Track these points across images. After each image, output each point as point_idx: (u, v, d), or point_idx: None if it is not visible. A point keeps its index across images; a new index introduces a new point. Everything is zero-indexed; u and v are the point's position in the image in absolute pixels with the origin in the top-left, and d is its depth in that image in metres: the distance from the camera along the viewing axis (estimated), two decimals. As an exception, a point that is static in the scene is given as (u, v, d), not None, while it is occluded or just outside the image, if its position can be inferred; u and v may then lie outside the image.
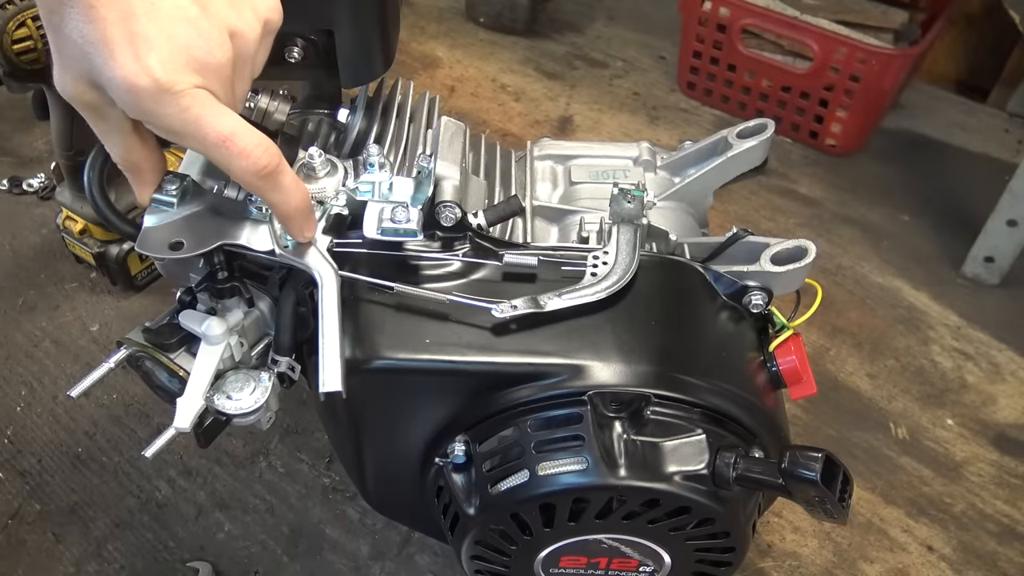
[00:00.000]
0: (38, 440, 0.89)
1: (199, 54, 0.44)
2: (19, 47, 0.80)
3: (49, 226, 1.11)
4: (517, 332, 0.56)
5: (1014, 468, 0.92)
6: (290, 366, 0.58)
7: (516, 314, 0.55)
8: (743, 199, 1.23)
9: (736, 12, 1.28)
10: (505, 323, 0.55)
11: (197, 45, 0.44)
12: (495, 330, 0.56)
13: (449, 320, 0.56)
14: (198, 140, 0.45)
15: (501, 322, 0.55)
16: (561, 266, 0.59)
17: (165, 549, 0.81)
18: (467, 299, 0.56)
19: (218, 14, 0.45)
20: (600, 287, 0.57)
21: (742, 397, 0.57)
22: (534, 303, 0.55)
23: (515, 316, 0.55)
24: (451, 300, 0.56)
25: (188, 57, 0.44)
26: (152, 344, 0.56)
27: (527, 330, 0.56)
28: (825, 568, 0.82)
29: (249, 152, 0.46)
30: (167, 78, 0.43)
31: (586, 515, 0.55)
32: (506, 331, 0.56)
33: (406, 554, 0.81)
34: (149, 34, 0.42)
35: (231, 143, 0.45)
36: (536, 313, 0.55)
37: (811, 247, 0.59)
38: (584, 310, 0.56)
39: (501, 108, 1.37)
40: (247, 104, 0.63)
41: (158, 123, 0.45)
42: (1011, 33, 1.35)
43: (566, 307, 0.55)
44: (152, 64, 0.42)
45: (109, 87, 0.44)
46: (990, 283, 1.12)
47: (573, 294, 0.56)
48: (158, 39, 0.43)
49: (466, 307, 0.56)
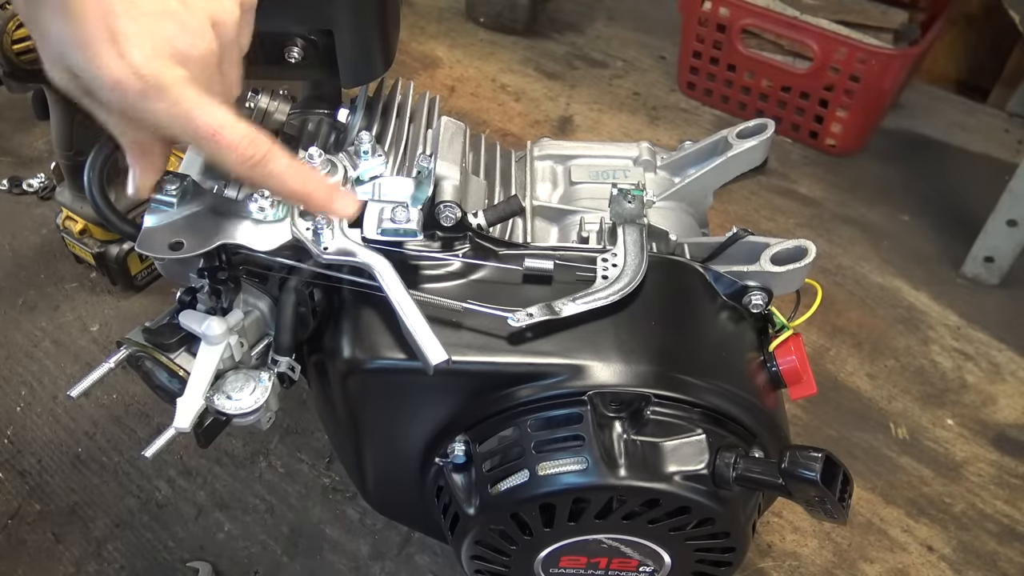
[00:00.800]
0: (38, 440, 0.89)
1: (183, 46, 0.44)
2: (19, 47, 0.80)
3: (49, 226, 1.11)
4: (518, 333, 0.56)
5: (1014, 468, 0.92)
6: (290, 366, 0.58)
7: (532, 322, 0.54)
8: (743, 199, 1.23)
9: (736, 12, 1.28)
10: (520, 330, 0.55)
11: (179, 38, 0.44)
12: (496, 331, 0.56)
13: (449, 320, 0.56)
14: (189, 134, 0.45)
15: (515, 329, 0.55)
16: (575, 269, 0.59)
17: (165, 549, 0.81)
18: (482, 307, 0.55)
19: (197, 5, 0.45)
20: (612, 290, 0.56)
21: (742, 397, 0.57)
22: (549, 310, 0.55)
23: (531, 324, 0.54)
24: (465, 308, 0.56)
25: (172, 50, 0.43)
26: (152, 344, 0.56)
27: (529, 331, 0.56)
28: (825, 568, 0.82)
29: (236, 144, 0.46)
30: (153, 74, 0.43)
31: (586, 515, 0.55)
32: (507, 332, 0.56)
33: (406, 554, 0.81)
34: (130, 32, 0.42)
35: (220, 136, 0.45)
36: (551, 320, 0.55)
37: (811, 247, 0.59)
38: (590, 313, 0.56)
39: (501, 108, 1.37)
40: (247, 104, 0.63)
41: (149, 119, 0.45)
42: (1011, 33, 1.35)
43: (582, 312, 0.55)
44: (136, 61, 0.42)
45: (94, 86, 0.44)
46: (990, 283, 1.12)
47: (587, 298, 0.56)
48: (139, 36, 0.42)
49: (473, 311, 0.56)
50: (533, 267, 0.58)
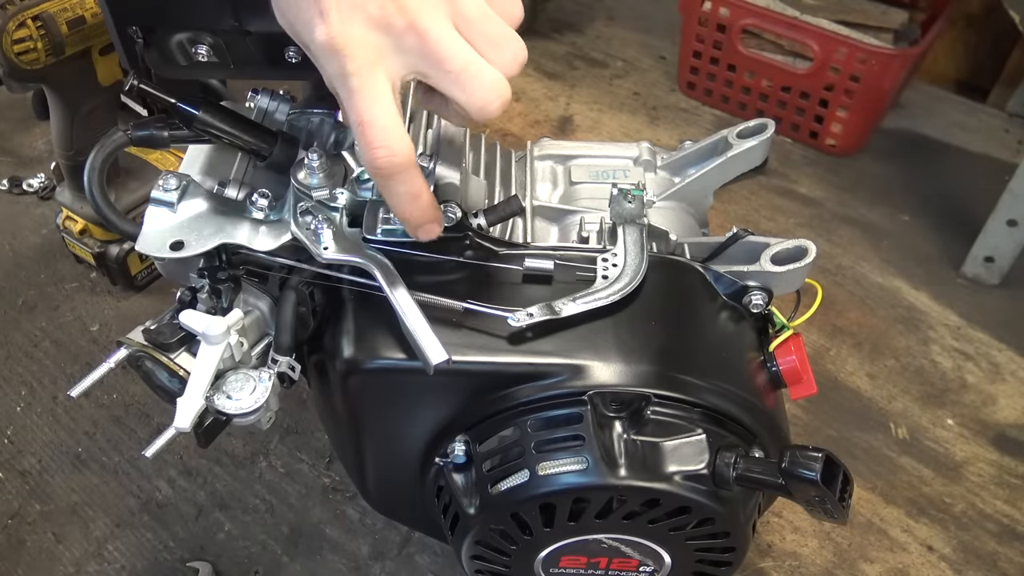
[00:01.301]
0: (38, 440, 0.89)
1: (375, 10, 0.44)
2: (19, 47, 0.80)
3: (49, 226, 1.11)
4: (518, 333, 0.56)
5: (1014, 468, 0.92)
6: (290, 366, 0.58)
7: (532, 322, 0.54)
8: (743, 199, 1.23)
9: (736, 12, 1.28)
10: (520, 330, 0.55)
11: None
12: (495, 331, 0.56)
13: (449, 320, 0.56)
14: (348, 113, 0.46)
15: (516, 329, 0.55)
16: (575, 269, 0.59)
17: (165, 549, 0.81)
18: (483, 307, 0.55)
19: None
20: (612, 290, 0.56)
21: (742, 397, 0.57)
22: (549, 310, 0.55)
23: (532, 324, 0.54)
24: (465, 308, 0.56)
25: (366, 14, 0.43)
26: (152, 344, 0.56)
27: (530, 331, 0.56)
28: (825, 568, 0.82)
29: (374, 147, 0.45)
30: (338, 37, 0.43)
31: (586, 515, 0.55)
32: (507, 332, 0.56)
33: (406, 554, 0.81)
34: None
35: (363, 129, 0.45)
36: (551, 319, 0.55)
37: (811, 247, 0.59)
38: (590, 313, 0.56)
39: (501, 108, 1.37)
40: (247, 104, 0.63)
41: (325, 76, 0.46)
42: (1011, 33, 1.35)
43: (582, 311, 0.55)
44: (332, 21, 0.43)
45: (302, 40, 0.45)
46: (990, 283, 1.12)
47: (588, 298, 0.56)
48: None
49: (467, 308, 0.56)
50: (533, 267, 0.58)
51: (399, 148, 0.46)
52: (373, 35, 0.44)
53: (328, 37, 0.43)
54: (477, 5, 0.46)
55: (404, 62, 0.45)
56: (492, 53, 0.46)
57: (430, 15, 0.44)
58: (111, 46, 0.74)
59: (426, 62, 0.45)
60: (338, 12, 0.43)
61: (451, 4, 0.45)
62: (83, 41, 0.84)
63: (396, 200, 0.49)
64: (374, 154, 0.46)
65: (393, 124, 0.45)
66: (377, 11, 0.43)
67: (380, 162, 0.46)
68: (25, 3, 0.79)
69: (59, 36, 0.82)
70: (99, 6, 0.68)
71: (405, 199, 0.49)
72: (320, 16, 0.43)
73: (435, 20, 0.44)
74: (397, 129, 0.45)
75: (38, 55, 0.81)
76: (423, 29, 0.44)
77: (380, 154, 0.46)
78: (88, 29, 0.84)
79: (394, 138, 0.45)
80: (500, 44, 0.46)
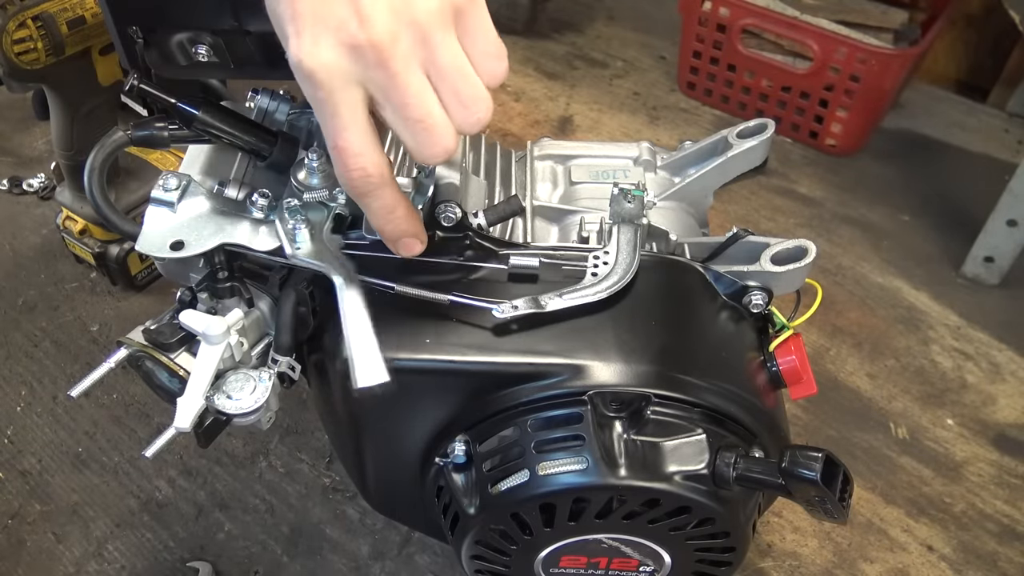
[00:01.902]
0: (38, 440, 0.89)
1: (353, 32, 0.42)
2: (19, 47, 0.80)
3: (49, 226, 1.11)
4: (517, 332, 0.56)
5: (1014, 468, 0.92)
6: (290, 366, 0.58)
7: (517, 314, 0.55)
8: (743, 199, 1.23)
9: (736, 12, 1.28)
10: (506, 323, 0.55)
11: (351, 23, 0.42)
12: (495, 330, 0.56)
13: (449, 320, 0.56)
14: (324, 133, 0.46)
15: (502, 322, 0.55)
16: (562, 267, 0.59)
17: (165, 549, 0.81)
18: (468, 299, 0.56)
19: None
20: (601, 287, 0.57)
21: (742, 397, 0.57)
22: (535, 303, 0.55)
23: (516, 316, 0.55)
24: (452, 301, 0.56)
25: (344, 37, 0.42)
26: (152, 344, 0.56)
27: (527, 330, 0.56)
28: (825, 568, 0.82)
29: (349, 170, 0.46)
30: (310, 63, 0.43)
31: (586, 515, 0.55)
32: (506, 331, 0.56)
33: (406, 554, 0.81)
34: (304, 10, 0.43)
35: (337, 154, 0.46)
36: (537, 313, 0.55)
37: (811, 247, 0.59)
38: (585, 310, 0.56)
39: (501, 108, 1.37)
40: (247, 104, 0.63)
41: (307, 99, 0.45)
42: (1011, 33, 1.35)
43: (567, 307, 0.56)
44: (304, 46, 0.43)
45: None
46: (990, 283, 1.12)
47: (574, 294, 0.56)
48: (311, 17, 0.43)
49: (466, 307, 0.56)
50: (518, 264, 0.59)
51: (373, 169, 0.47)
52: (344, 60, 0.43)
53: (298, 59, 0.43)
54: (454, 58, 0.45)
55: (370, 90, 0.45)
56: (456, 110, 0.45)
57: (402, 59, 0.43)
58: (111, 46, 0.74)
59: (388, 100, 0.44)
60: (311, 33, 0.42)
61: (428, 50, 0.44)
62: (83, 41, 0.84)
63: (371, 214, 0.50)
64: (349, 176, 0.47)
65: (366, 148, 0.46)
66: (348, 39, 0.42)
67: (355, 182, 0.47)
68: (25, 3, 0.79)
69: (59, 36, 0.82)
70: (99, 6, 0.68)
71: (379, 213, 0.50)
72: (295, 34, 0.43)
73: (406, 64, 0.43)
74: (370, 152, 0.46)
75: (38, 55, 0.81)
76: (393, 71, 0.43)
77: (355, 175, 0.47)
78: (88, 29, 0.84)
79: (368, 160, 0.46)
80: (467, 105, 0.46)
